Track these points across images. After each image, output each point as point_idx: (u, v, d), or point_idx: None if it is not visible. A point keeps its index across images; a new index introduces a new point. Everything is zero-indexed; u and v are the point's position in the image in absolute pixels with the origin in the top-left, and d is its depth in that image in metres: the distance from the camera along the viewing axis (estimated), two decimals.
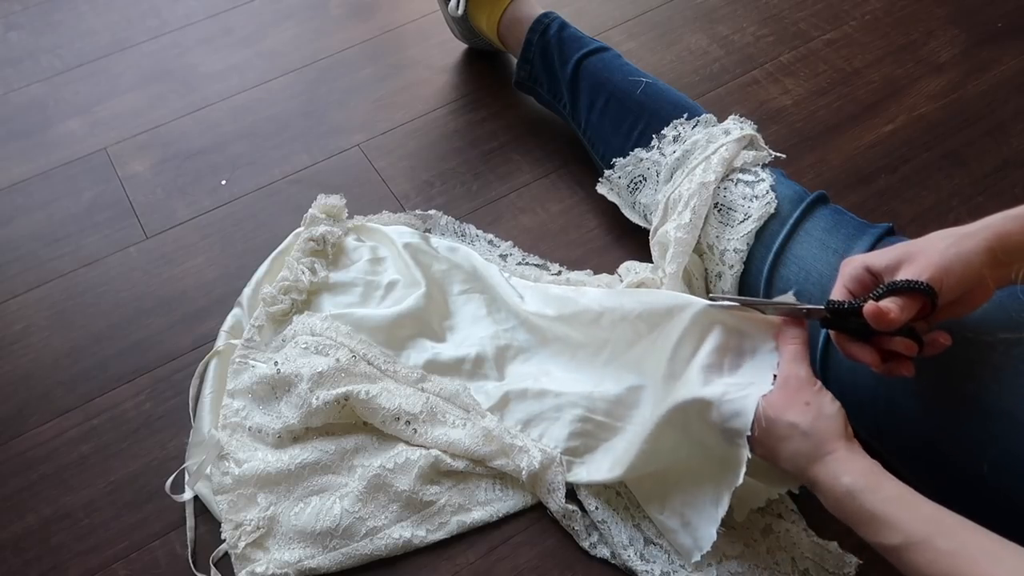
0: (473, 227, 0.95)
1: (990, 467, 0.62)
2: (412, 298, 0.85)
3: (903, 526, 0.52)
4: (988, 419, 0.61)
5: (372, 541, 0.72)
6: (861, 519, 0.54)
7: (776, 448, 0.59)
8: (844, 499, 0.55)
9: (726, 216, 0.78)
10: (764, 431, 0.60)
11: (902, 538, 0.52)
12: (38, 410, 0.82)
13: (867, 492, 0.54)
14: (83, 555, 0.74)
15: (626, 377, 0.77)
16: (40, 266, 0.93)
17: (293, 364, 0.78)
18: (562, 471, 0.75)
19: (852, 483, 0.55)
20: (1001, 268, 0.58)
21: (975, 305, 0.60)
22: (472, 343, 0.84)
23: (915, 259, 0.58)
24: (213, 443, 0.76)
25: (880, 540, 0.53)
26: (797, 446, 0.58)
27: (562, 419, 0.77)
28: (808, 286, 0.72)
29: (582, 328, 0.81)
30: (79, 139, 1.05)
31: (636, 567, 0.71)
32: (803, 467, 0.58)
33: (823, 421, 0.58)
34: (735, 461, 0.62)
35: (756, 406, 0.60)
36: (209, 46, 1.16)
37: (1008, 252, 0.58)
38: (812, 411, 0.58)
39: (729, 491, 0.64)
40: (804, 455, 0.57)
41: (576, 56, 0.96)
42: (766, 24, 1.18)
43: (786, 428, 0.59)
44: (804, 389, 0.60)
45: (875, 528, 0.53)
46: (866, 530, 0.54)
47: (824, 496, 0.57)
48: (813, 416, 0.58)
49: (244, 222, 0.97)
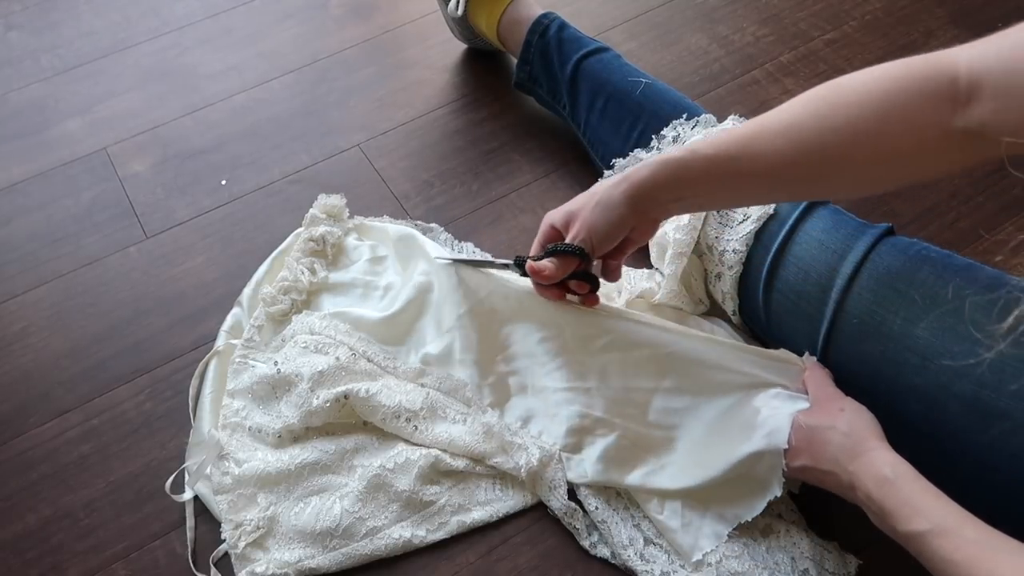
0: (471, 245, 0.94)
1: (991, 467, 0.62)
2: (408, 289, 0.84)
3: (933, 513, 0.55)
4: (988, 419, 0.61)
5: (372, 541, 0.72)
6: (895, 506, 0.57)
7: (819, 452, 0.64)
8: (884, 486, 0.58)
9: (725, 216, 0.78)
10: (805, 439, 0.65)
11: (931, 524, 0.55)
12: (38, 410, 0.82)
13: (904, 480, 0.58)
14: (83, 555, 0.74)
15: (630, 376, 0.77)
16: (40, 266, 0.93)
17: (293, 363, 0.79)
18: (562, 468, 0.75)
19: (891, 472, 0.58)
20: (641, 215, 0.68)
21: (641, 241, 0.73)
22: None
23: (575, 218, 0.70)
24: (213, 443, 0.76)
25: (909, 527, 0.56)
26: (839, 445, 0.62)
27: (560, 415, 0.77)
28: (808, 286, 0.72)
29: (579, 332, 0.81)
30: (79, 139, 1.05)
31: (636, 567, 0.71)
32: (845, 463, 0.62)
33: (860, 422, 0.63)
34: (764, 478, 0.68)
35: (792, 420, 0.67)
36: (209, 46, 1.16)
37: (642, 199, 0.67)
38: (848, 415, 0.64)
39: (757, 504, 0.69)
40: (847, 451, 0.62)
41: (576, 57, 0.96)
42: (766, 24, 1.18)
43: (827, 432, 0.64)
44: (836, 399, 0.66)
45: (906, 514, 0.56)
46: (896, 518, 0.57)
47: (862, 487, 0.60)
48: (850, 418, 0.64)
49: (244, 222, 0.97)
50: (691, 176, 0.65)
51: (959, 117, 0.54)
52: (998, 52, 0.52)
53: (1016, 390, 0.60)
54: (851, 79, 0.59)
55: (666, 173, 0.65)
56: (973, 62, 0.53)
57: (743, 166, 0.63)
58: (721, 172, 0.64)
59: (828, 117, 0.59)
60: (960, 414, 0.63)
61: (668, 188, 0.66)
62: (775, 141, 0.61)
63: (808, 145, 0.60)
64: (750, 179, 0.64)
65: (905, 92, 0.56)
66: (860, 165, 0.60)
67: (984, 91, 0.52)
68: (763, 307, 0.76)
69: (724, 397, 0.73)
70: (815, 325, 0.71)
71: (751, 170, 0.63)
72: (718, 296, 0.82)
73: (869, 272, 0.69)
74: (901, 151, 0.57)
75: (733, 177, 0.64)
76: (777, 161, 0.61)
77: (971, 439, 0.62)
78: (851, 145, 0.58)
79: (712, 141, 0.64)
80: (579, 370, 0.78)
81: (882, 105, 0.57)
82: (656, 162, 0.65)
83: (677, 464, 0.73)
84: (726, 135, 0.64)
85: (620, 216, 0.67)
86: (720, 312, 0.85)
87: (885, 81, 0.57)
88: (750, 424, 0.69)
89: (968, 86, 0.53)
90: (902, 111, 0.56)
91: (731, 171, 0.63)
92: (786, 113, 0.61)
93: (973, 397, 0.62)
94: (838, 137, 0.58)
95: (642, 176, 0.65)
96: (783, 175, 0.62)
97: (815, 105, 0.60)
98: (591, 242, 0.69)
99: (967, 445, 0.63)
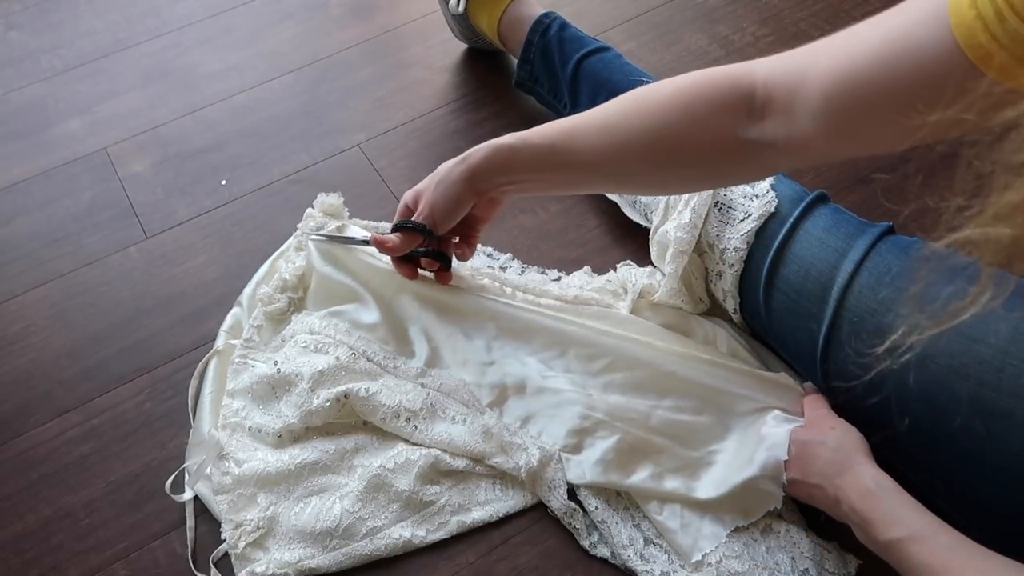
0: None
1: (992, 466, 0.62)
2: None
3: (911, 522, 0.59)
4: (988, 418, 0.61)
5: (372, 541, 0.72)
6: (876, 517, 0.61)
7: (808, 466, 0.68)
8: (866, 498, 0.62)
9: (726, 215, 0.78)
10: (798, 453, 0.69)
11: (908, 532, 0.58)
12: (38, 410, 0.82)
13: (885, 492, 0.62)
14: (83, 555, 0.74)
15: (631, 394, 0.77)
16: (40, 266, 0.93)
17: (293, 363, 0.78)
18: (561, 468, 0.75)
19: (874, 485, 0.62)
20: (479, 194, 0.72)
21: (487, 218, 0.77)
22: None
23: (420, 197, 0.74)
24: (213, 443, 0.76)
25: (888, 535, 0.59)
26: (827, 460, 0.66)
27: (560, 416, 0.77)
28: (808, 284, 0.72)
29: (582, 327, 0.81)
30: (79, 139, 1.05)
31: (636, 567, 0.71)
32: (832, 477, 0.65)
33: (848, 440, 0.67)
34: (764, 489, 0.71)
35: (790, 435, 0.71)
36: (209, 46, 1.16)
37: (478, 180, 0.70)
38: (838, 433, 0.68)
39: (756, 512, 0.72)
40: (834, 466, 0.65)
41: (576, 56, 0.96)
42: (766, 24, 1.18)
43: (817, 447, 0.68)
44: (828, 419, 0.70)
45: (886, 524, 0.60)
46: (876, 527, 0.60)
47: (846, 500, 0.63)
48: (839, 436, 0.67)
49: (244, 222, 0.97)
50: (519, 162, 0.69)
51: (753, 130, 0.57)
52: (784, 69, 0.54)
53: (1016, 389, 0.60)
54: (660, 85, 0.63)
55: (499, 158, 0.69)
56: (768, 77, 0.56)
57: (564, 157, 0.67)
58: (545, 161, 0.68)
59: (636, 118, 0.63)
60: (960, 413, 0.63)
61: (501, 172, 0.70)
62: (590, 136, 0.65)
63: (617, 143, 0.64)
64: (571, 169, 0.68)
65: (706, 102, 0.59)
66: (664, 166, 0.64)
67: (774, 107, 0.55)
68: (764, 305, 0.76)
69: (726, 418, 0.76)
70: (816, 323, 0.71)
71: (570, 161, 0.67)
72: (719, 295, 0.81)
73: (870, 271, 0.69)
74: (702, 157, 0.61)
75: (556, 166, 0.68)
76: (592, 155, 0.66)
77: (971, 438, 0.62)
78: (654, 146, 0.62)
79: (541, 130, 0.68)
80: (581, 381, 0.78)
81: (684, 113, 0.60)
82: (490, 145, 0.70)
83: (678, 477, 0.74)
84: (555, 126, 0.68)
85: (458, 195, 0.71)
86: (720, 311, 0.84)
87: (688, 92, 0.60)
88: (752, 447, 0.72)
89: (762, 101, 0.56)
90: (702, 120, 0.59)
91: (554, 161, 0.68)
92: (603, 112, 0.66)
93: (973, 396, 0.62)
94: (643, 139, 0.62)
95: (477, 159, 0.70)
96: (599, 168, 0.67)
97: (627, 107, 0.64)
98: (433, 219, 0.73)
99: (967, 444, 0.63)
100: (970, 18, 0.40)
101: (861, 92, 0.48)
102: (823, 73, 0.50)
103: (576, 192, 0.78)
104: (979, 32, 0.40)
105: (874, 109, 0.47)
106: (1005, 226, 0.35)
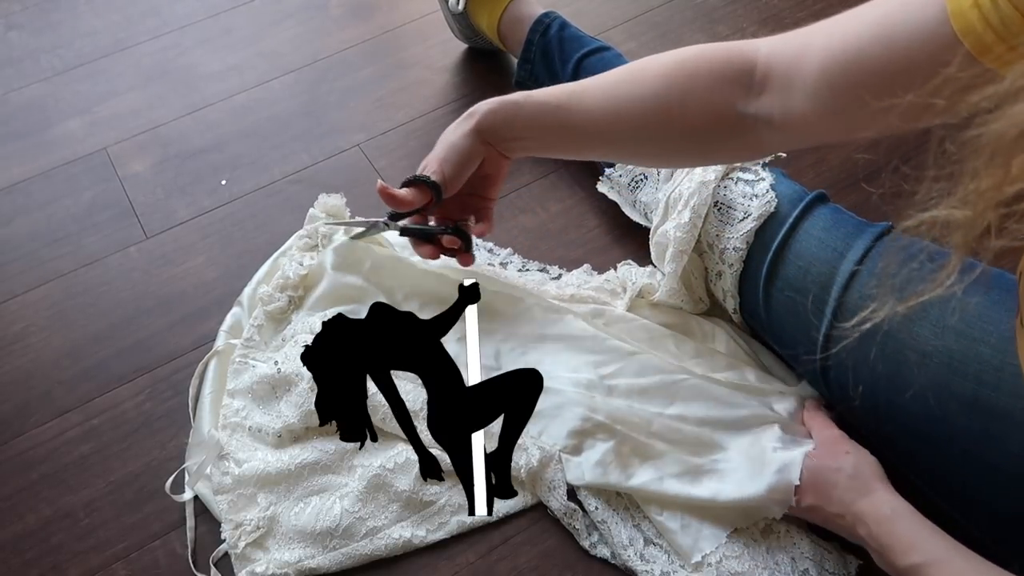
0: None
1: (991, 466, 0.62)
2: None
3: (928, 545, 0.60)
4: (988, 418, 0.61)
5: (372, 541, 0.72)
6: (893, 542, 0.61)
7: (826, 493, 0.67)
8: (883, 524, 0.62)
9: (726, 214, 0.78)
10: (813, 480, 0.69)
11: (925, 557, 0.59)
12: (38, 410, 0.82)
13: (901, 517, 0.62)
14: (83, 555, 0.74)
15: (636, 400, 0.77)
16: (40, 266, 0.93)
17: (293, 363, 0.78)
18: (561, 469, 0.75)
19: (891, 511, 0.63)
20: (487, 147, 0.69)
21: (497, 176, 0.72)
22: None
23: (434, 152, 0.70)
24: (213, 443, 0.76)
25: (907, 561, 0.60)
26: (845, 487, 0.66)
27: (561, 417, 0.77)
28: (808, 284, 0.72)
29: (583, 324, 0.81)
30: (79, 139, 1.05)
31: (636, 567, 0.71)
32: (850, 503, 0.65)
33: (864, 466, 0.67)
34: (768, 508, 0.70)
35: (802, 459, 0.70)
36: (209, 46, 1.16)
37: (485, 132, 0.68)
38: (852, 458, 0.68)
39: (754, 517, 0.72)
40: (853, 492, 0.66)
41: (577, 55, 0.96)
42: (766, 24, 1.18)
43: (834, 473, 0.67)
44: (841, 442, 0.70)
45: (903, 549, 0.60)
46: (894, 552, 0.61)
47: (864, 527, 0.64)
48: (855, 461, 0.67)
49: (244, 222, 0.97)
50: (524, 118, 0.68)
51: (751, 104, 0.57)
52: (785, 46, 0.55)
53: (1015, 389, 0.60)
54: (666, 55, 0.62)
55: (504, 112, 0.68)
56: (770, 53, 0.56)
57: (567, 117, 0.66)
58: (549, 119, 0.67)
59: (639, 84, 0.62)
60: (960, 413, 0.63)
61: (506, 126, 0.68)
62: (595, 99, 0.65)
63: (620, 108, 0.63)
64: (572, 130, 0.67)
65: (708, 72, 0.59)
66: (662, 135, 0.63)
67: (773, 83, 0.55)
68: (763, 305, 0.76)
69: (729, 430, 0.76)
70: (815, 323, 0.71)
71: (573, 121, 0.66)
72: (718, 294, 0.81)
73: (869, 270, 0.69)
74: (698, 128, 0.61)
75: (559, 126, 0.67)
76: (595, 117, 0.65)
77: (971, 438, 0.62)
78: (655, 114, 0.62)
79: (549, 89, 0.68)
80: (585, 384, 0.78)
81: (685, 83, 0.60)
82: (498, 100, 0.69)
83: (680, 481, 0.73)
84: (562, 87, 0.67)
85: (466, 147, 0.69)
86: (720, 310, 0.85)
87: (692, 60, 0.60)
88: (758, 465, 0.71)
89: (762, 76, 0.56)
90: (703, 89, 0.59)
91: (557, 119, 0.67)
92: (611, 76, 0.65)
93: (973, 396, 0.62)
94: (644, 106, 0.62)
95: (484, 112, 0.68)
96: (599, 132, 0.66)
97: (633, 74, 0.64)
98: (443, 174, 0.70)
99: (967, 444, 0.63)
100: (966, 5, 0.41)
101: (856, 69, 0.48)
102: (821, 50, 0.51)
103: (579, 156, 0.76)
104: (974, 18, 0.41)
105: (868, 87, 0.47)
106: (969, 210, 0.35)
